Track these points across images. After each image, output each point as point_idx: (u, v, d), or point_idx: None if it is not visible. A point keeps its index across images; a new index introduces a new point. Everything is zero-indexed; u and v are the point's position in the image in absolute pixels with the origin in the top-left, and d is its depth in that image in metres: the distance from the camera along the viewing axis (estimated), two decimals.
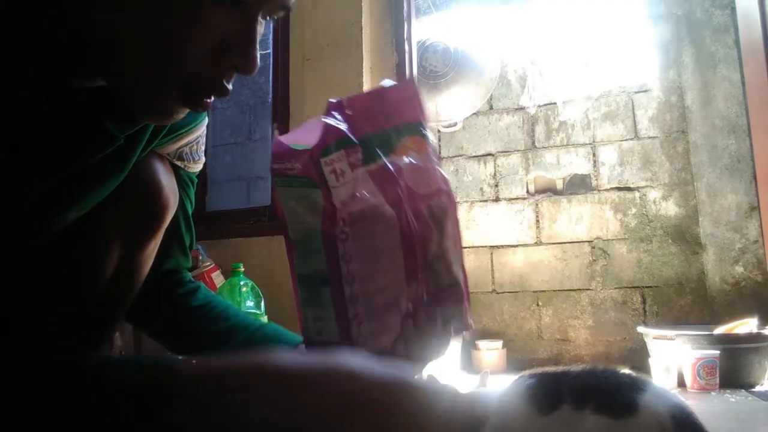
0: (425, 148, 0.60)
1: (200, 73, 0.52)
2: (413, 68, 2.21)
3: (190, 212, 0.85)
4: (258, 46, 0.54)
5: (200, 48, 0.51)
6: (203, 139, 0.81)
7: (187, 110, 0.57)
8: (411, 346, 0.55)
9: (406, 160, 0.58)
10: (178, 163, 0.78)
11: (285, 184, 0.58)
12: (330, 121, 0.56)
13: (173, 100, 0.54)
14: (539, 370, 0.54)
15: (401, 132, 0.59)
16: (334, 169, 0.55)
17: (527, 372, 0.54)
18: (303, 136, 0.57)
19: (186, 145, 0.77)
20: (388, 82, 0.62)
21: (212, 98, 0.55)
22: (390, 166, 0.57)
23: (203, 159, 0.83)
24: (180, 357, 0.44)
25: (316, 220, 0.55)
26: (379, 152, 0.57)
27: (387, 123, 0.58)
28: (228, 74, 0.54)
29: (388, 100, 0.59)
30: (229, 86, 0.55)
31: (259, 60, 0.54)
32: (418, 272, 0.57)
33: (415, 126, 0.60)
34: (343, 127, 0.56)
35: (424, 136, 0.60)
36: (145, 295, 0.80)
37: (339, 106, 0.58)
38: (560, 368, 0.53)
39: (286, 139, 0.58)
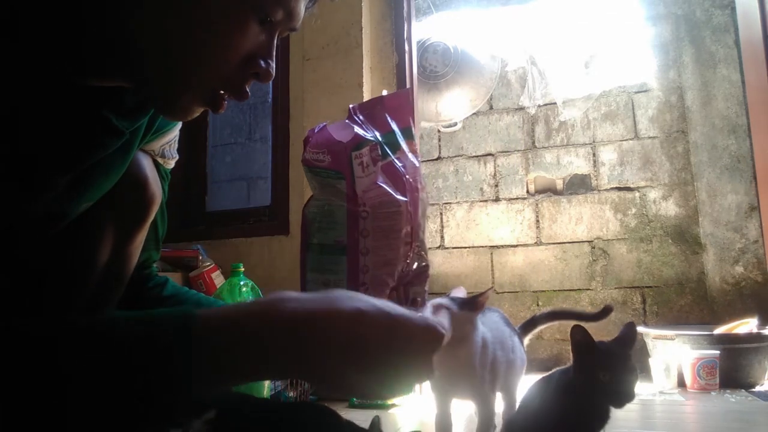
0: (415, 150, 0.75)
1: (229, 78, 0.60)
2: (413, 68, 2.21)
3: (164, 204, 0.91)
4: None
5: (236, 56, 0.58)
6: (177, 139, 0.88)
7: (203, 109, 0.63)
8: None
9: (407, 158, 0.71)
10: (160, 159, 0.84)
11: (313, 173, 0.69)
12: (356, 127, 0.69)
13: (199, 102, 0.61)
14: None
15: (402, 135, 0.72)
16: (362, 162, 0.67)
17: None
18: (335, 133, 0.70)
19: (168, 142, 0.83)
20: (385, 92, 0.75)
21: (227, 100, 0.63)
22: (398, 163, 0.70)
23: (177, 157, 0.89)
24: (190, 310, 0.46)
25: (341, 202, 0.67)
26: (389, 150, 0.70)
27: (390, 127, 0.71)
28: (249, 81, 0.62)
29: (388, 107, 0.72)
30: (248, 91, 0.63)
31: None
32: (410, 252, 0.70)
33: (409, 131, 0.74)
34: (363, 128, 0.69)
35: (413, 139, 0.74)
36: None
37: (355, 111, 0.71)
38: None
39: (321, 134, 0.70)
